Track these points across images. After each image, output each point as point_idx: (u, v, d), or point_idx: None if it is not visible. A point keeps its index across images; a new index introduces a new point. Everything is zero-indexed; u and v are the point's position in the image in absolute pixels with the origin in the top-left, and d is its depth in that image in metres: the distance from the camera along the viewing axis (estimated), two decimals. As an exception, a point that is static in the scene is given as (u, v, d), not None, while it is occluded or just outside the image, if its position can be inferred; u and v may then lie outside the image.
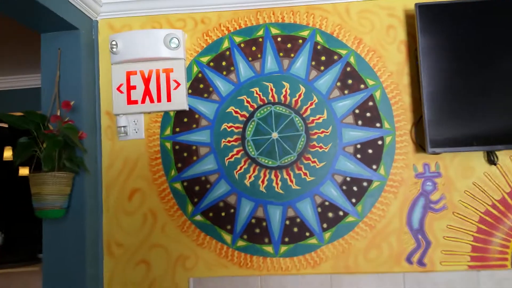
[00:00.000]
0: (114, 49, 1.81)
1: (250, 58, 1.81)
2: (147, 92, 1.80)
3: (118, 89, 1.82)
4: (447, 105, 1.63)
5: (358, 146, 1.73)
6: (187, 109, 1.81)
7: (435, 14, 1.66)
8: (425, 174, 1.70)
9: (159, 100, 1.79)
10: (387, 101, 1.74)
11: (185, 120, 1.81)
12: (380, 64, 1.76)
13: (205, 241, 1.76)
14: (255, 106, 1.79)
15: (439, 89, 1.64)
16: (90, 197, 1.76)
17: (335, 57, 1.77)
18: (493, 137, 1.61)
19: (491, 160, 1.66)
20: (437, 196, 1.68)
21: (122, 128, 1.83)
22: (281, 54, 1.80)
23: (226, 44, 1.83)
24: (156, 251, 1.78)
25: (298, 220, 1.72)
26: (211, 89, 1.82)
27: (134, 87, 1.81)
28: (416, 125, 1.71)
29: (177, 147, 1.81)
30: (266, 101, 1.78)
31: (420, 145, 1.69)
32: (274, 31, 1.81)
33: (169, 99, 1.79)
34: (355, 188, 1.72)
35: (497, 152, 1.66)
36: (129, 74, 1.82)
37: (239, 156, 1.77)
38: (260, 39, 1.81)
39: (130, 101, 1.81)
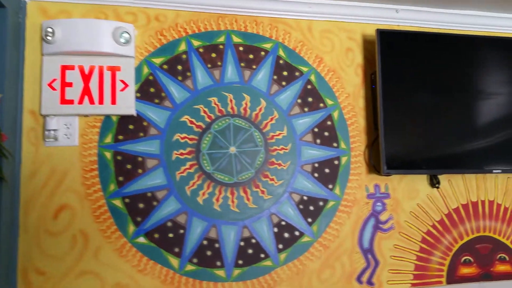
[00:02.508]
0: (50, 38, 1.34)
1: (209, 65, 1.49)
2: (86, 91, 1.36)
3: (49, 85, 1.36)
4: (400, 129, 1.53)
5: (316, 165, 1.53)
6: (134, 114, 1.42)
7: (394, 41, 1.57)
8: (376, 195, 1.56)
9: (100, 101, 1.37)
10: (344, 122, 1.57)
11: (131, 127, 1.41)
12: (339, 85, 1.59)
13: (147, 267, 1.38)
14: (213, 117, 1.47)
15: (393, 113, 1.53)
16: (5, 213, 1.26)
17: (297, 74, 1.56)
18: (436, 162, 1.54)
19: (433, 183, 1.59)
20: (385, 216, 1.56)
21: (51, 132, 1.36)
22: (242, 64, 1.51)
23: (183, 47, 1.48)
24: (86, 280, 1.34)
25: (253, 241, 1.45)
26: (163, 94, 1.45)
27: (70, 84, 1.36)
28: (370, 147, 1.57)
29: (119, 157, 1.39)
30: (224, 113, 1.48)
31: (374, 166, 1.56)
32: (236, 39, 1.52)
33: (113, 102, 1.38)
34: (311, 208, 1.50)
35: (439, 176, 1.60)
36: (64, 69, 1.37)
37: (192, 170, 1.43)
38: (221, 46, 1.51)
39: (64, 100, 1.36)
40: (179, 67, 1.50)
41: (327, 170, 1.56)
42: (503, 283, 1.64)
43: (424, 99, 1.58)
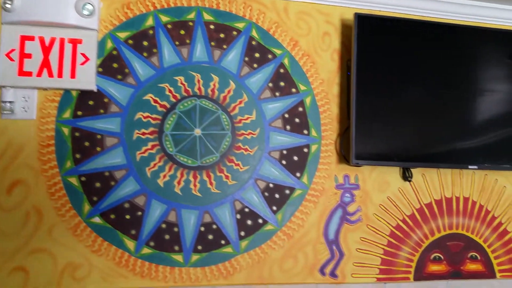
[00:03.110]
0: (8, 5, 1.27)
1: (177, 42, 1.42)
2: (45, 63, 1.30)
3: (7, 55, 1.29)
4: (373, 119, 1.46)
5: (284, 152, 1.46)
6: (95, 90, 1.35)
7: (372, 26, 1.48)
8: (345, 186, 1.50)
9: (60, 75, 1.30)
10: (316, 109, 1.50)
11: (91, 103, 1.35)
12: (313, 70, 1.51)
13: (102, 248, 1.32)
14: (178, 97, 1.40)
15: (367, 102, 1.45)
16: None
17: (270, 56, 1.48)
18: (409, 154, 1.47)
19: (406, 176, 1.53)
20: (353, 208, 1.49)
21: (7, 104, 1.30)
22: (212, 43, 1.44)
23: (150, 22, 1.41)
24: (38, 257, 1.29)
25: (214, 226, 1.39)
26: (127, 70, 1.38)
27: (29, 56, 1.29)
28: (341, 136, 1.50)
29: (77, 134, 1.33)
30: (191, 93, 1.41)
31: (344, 156, 1.49)
32: (207, 16, 1.45)
33: (73, 75, 1.31)
34: (277, 195, 1.44)
35: (412, 169, 1.53)
36: (24, 39, 1.30)
37: (154, 151, 1.37)
38: (191, 23, 1.43)
39: (22, 72, 1.29)
40: (145, 43, 1.42)
41: (295, 158, 1.50)
42: (472, 282, 1.57)
43: (401, 90, 1.49)
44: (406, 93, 1.51)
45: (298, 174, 1.49)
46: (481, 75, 1.57)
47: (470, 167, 1.51)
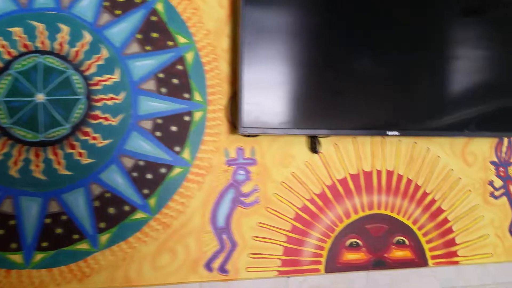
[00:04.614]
0: None
1: (7, -18, 1.09)
2: None
3: None
4: (267, 77, 1.15)
5: (159, 121, 1.16)
6: None
7: None
8: (238, 161, 1.20)
9: None
10: (200, 67, 1.19)
11: None
12: (196, 19, 1.19)
13: None
14: (14, 54, 1.06)
15: (262, 57, 1.15)
16: None
17: (137, 0, 1.16)
18: (315, 120, 1.18)
19: (313, 147, 1.24)
20: (249, 187, 1.20)
21: None
22: (57, -17, 1.12)
23: (-31, -44, 1.07)
24: None
25: (64, 217, 1.08)
26: None
27: None
28: (232, 100, 1.21)
29: None
30: (31, 48, 1.08)
31: (236, 126, 1.19)
32: (49, -51, 1.12)
33: None
34: (149, 176, 1.14)
35: (320, 139, 1.25)
36: None
37: (-20, 123, 1.06)
38: (26, -43, 1.11)
39: None
40: (-37, -17, 1.11)
41: (173, 128, 1.19)
42: (399, 272, 1.29)
43: (302, 42, 1.17)
44: (310, 46, 1.21)
45: (177, 149, 1.19)
46: (404, 29, 1.28)
47: (389, 133, 1.22)
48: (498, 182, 1.39)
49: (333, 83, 1.19)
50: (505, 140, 1.40)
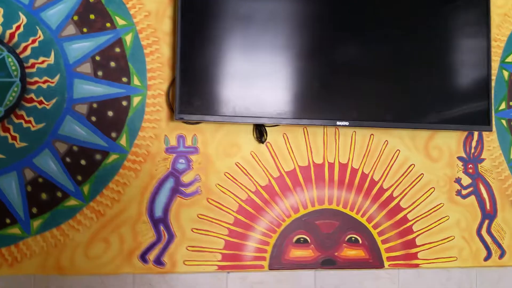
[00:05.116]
0: None
1: None
2: None
3: None
4: (209, 61, 1.11)
5: (95, 105, 1.14)
6: None
7: None
8: (179, 149, 1.18)
9: None
10: (140, 50, 1.17)
11: None
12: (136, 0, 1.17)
13: None
14: None
15: (202, 39, 1.11)
16: None
17: None
18: (260, 106, 1.13)
19: (260, 137, 1.18)
20: (190, 177, 1.18)
21: None
22: (-8, -38, 1.11)
23: None
24: None
25: (-5, 201, 1.09)
26: None
27: None
28: (174, 85, 1.16)
29: None
30: (-35, 29, 1.09)
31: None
32: None
33: None
34: (83, 162, 1.14)
35: (268, 128, 1.19)
36: None
37: None
38: None
39: None
40: None
41: (110, 113, 1.17)
42: (350, 273, 1.25)
43: (246, 23, 1.13)
44: (256, 25, 1.15)
45: (114, 135, 1.17)
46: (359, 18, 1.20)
47: (339, 123, 1.17)
48: (466, 180, 1.32)
49: (281, 70, 1.14)
50: (475, 134, 1.32)
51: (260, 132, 1.23)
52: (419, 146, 1.32)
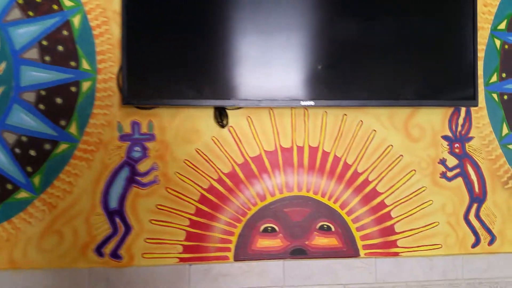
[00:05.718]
0: None
1: None
2: None
3: None
4: (159, 36, 1.03)
5: (43, 92, 1.09)
6: None
7: None
8: (134, 136, 1.11)
9: None
10: (88, 32, 1.10)
11: None
12: (83, -23, 1.10)
13: None
14: None
15: (154, 19, 1.03)
16: None
17: None
18: (217, 88, 1.05)
19: (221, 121, 1.10)
20: (147, 166, 1.11)
21: None
22: None
23: None
24: None
25: None
26: None
27: None
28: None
29: None
30: None
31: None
32: None
33: None
34: (32, 152, 1.08)
35: (229, 111, 1.10)
36: None
37: None
38: None
39: None
40: None
41: (59, 101, 1.11)
42: (322, 263, 1.16)
43: (198, 8, 1.10)
44: (209, 8, 1.06)
45: (63, 123, 1.10)
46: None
47: (303, 103, 1.07)
48: (452, 161, 1.21)
49: (239, 49, 1.05)
50: (462, 110, 1.20)
51: (221, 115, 1.17)
52: (398, 125, 1.20)
